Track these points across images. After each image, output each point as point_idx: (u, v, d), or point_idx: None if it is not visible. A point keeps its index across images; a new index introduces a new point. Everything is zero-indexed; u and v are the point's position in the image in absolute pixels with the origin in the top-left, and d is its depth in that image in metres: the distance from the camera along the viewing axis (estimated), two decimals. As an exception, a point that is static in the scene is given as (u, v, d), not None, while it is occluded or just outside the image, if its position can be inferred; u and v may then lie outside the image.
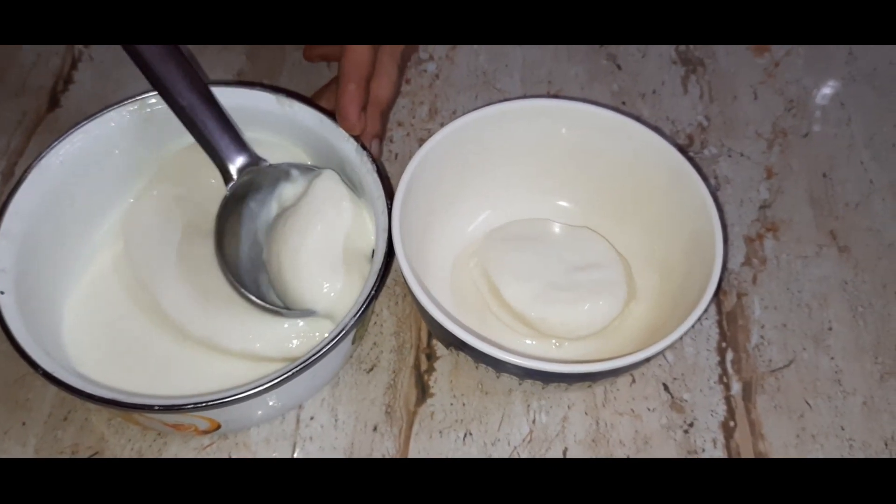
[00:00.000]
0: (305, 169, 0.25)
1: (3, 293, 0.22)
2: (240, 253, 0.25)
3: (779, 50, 0.35)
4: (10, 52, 0.34)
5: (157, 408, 0.20)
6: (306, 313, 0.23)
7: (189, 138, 0.24)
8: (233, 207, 0.25)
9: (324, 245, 0.24)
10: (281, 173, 0.25)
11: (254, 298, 0.23)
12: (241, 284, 0.24)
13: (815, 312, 0.28)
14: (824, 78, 0.34)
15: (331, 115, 0.26)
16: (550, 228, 0.27)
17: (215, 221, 0.24)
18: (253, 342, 0.23)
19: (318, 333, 0.24)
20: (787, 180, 0.31)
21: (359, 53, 0.26)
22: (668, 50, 0.35)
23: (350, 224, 0.24)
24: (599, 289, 0.25)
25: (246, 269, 0.25)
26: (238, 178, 0.24)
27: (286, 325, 0.24)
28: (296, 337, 0.24)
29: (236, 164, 0.24)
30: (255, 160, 0.25)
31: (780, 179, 0.31)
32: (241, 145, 0.24)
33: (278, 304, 0.24)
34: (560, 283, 0.25)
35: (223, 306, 0.24)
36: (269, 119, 0.26)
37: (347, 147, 0.25)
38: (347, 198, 0.24)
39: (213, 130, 0.24)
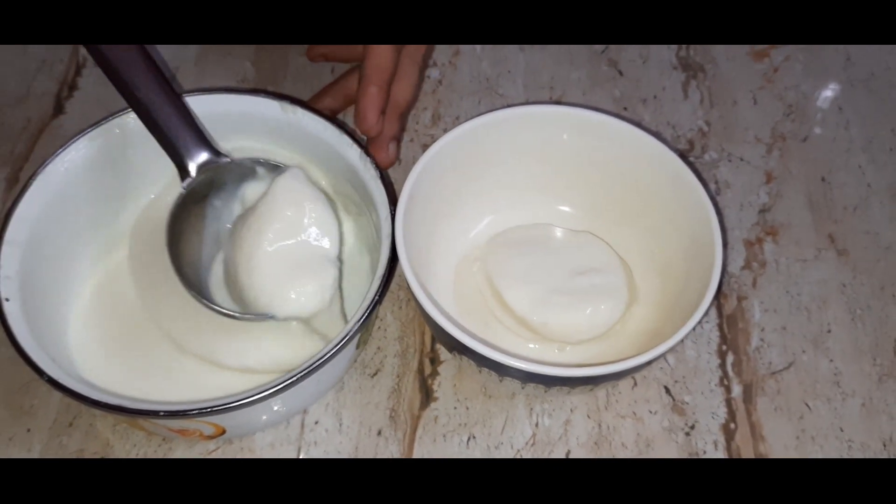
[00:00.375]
0: (272, 167, 0.24)
1: (7, 300, 0.22)
2: (201, 253, 0.24)
3: (778, 55, 0.35)
4: (14, 58, 0.34)
5: (162, 413, 0.20)
6: (262, 318, 0.23)
7: None
8: (193, 206, 0.24)
9: (282, 246, 0.23)
10: (246, 170, 0.24)
11: (205, 301, 0.23)
12: (200, 286, 0.23)
13: (815, 315, 0.28)
14: (822, 83, 0.35)
15: (333, 119, 0.26)
16: (552, 233, 0.28)
17: (168, 219, 0.23)
18: (248, 358, 0.23)
19: (311, 339, 0.23)
20: (786, 184, 0.31)
21: (382, 56, 0.25)
22: (668, 56, 0.35)
23: (313, 225, 0.23)
24: (601, 293, 0.25)
25: (206, 270, 0.24)
26: (197, 174, 0.23)
27: (281, 340, 0.23)
28: (291, 350, 0.23)
29: (196, 160, 0.23)
30: (216, 157, 0.23)
31: (779, 183, 0.31)
32: (202, 141, 0.23)
33: (234, 308, 0.23)
34: (562, 288, 0.26)
35: (218, 321, 0.23)
36: (272, 125, 0.26)
37: (351, 153, 0.25)
38: (310, 197, 0.23)
39: (171, 124, 0.23)
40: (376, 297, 0.22)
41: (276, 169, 0.25)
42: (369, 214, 0.25)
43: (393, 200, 0.24)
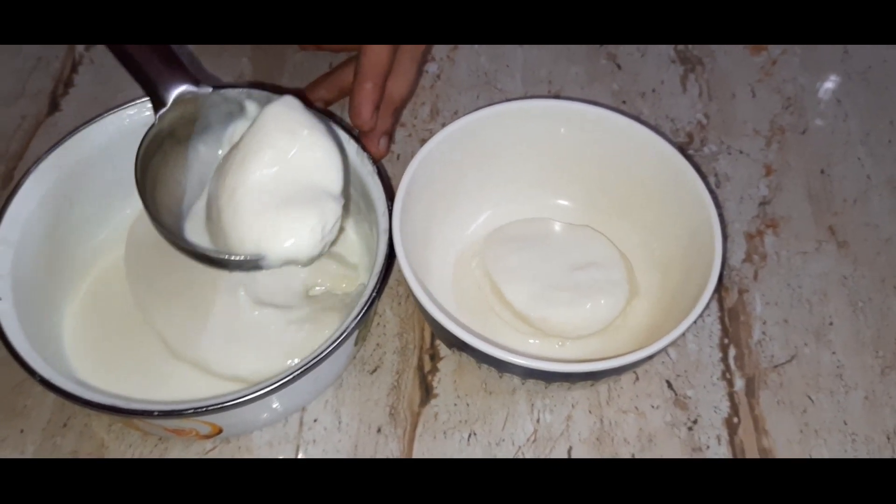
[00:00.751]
0: (264, 99, 0.21)
1: (0, 299, 0.21)
2: (183, 202, 0.22)
3: (775, 48, 0.35)
4: (10, 56, 0.33)
5: (156, 413, 0.20)
6: (251, 262, 0.19)
7: None
8: (173, 149, 0.21)
9: (272, 177, 0.19)
10: (233, 107, 0.21)
11: (180, 243, 0.20)
12: (179, 233, 0.21)
13: (816, 308, 0.28)
14: (820, 75, 0.35)
15: (329, 114, 0.26)
16: (551, 228, 0.27)
17: (138, 154, 0.20)
18: (239, 367, 0.23)
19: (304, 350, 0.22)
20: (785, 177, 0.31)
21: (378, 51, 0.25)
22: (667, 49, 0.35)
23: (311, 155, 0.20)
24: (601, 287, 0.25)
25: (185, 218, 0.22)
26: (173, 106, 0.20)
27: (276, 349, 0.23)
28: (285, 361, 0.23)
29: (171, 89, 0.20)
30: (195, 86, 0.20)
31: (778, 176, 0.31)
32: (179, 68, 0.20)
33: (219, 252, 0.20)
34: (561, 283, 0.25)
35: (211, 330, 0.23)
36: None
37: (348, 148, 0.25)
38: (307, 124, 0.20)
39: (142, 51, 0.20)
40: (374, 293, 0.22)
41: (267, 101, 0.21)
42: (367, 210, 0.25)
43: (390, 196, 0.24)
